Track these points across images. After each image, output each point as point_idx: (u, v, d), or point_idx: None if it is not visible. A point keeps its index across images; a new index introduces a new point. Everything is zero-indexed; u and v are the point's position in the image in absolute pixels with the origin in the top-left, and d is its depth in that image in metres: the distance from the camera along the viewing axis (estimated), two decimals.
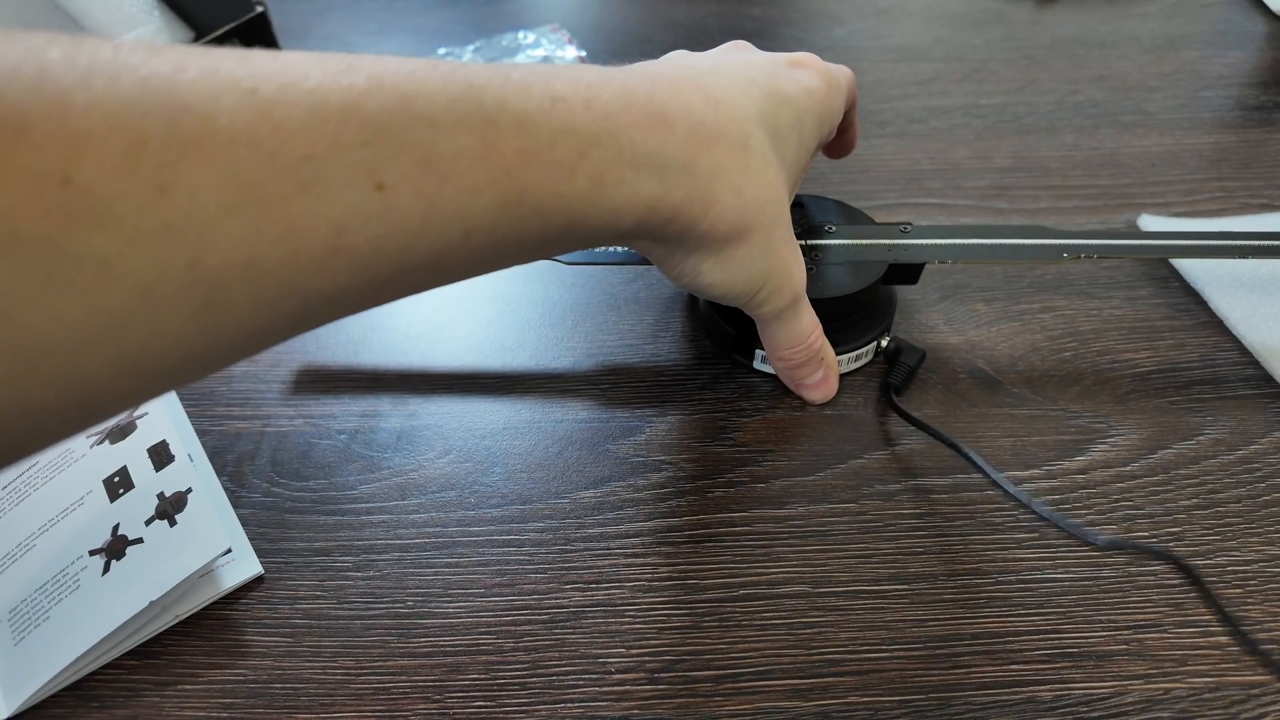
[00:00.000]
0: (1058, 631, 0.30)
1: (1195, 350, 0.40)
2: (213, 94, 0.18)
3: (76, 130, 0.16)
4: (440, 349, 0.40)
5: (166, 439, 0.35)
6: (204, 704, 0.29)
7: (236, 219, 0.18)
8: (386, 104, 0.20)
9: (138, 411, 0.36)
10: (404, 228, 0.21)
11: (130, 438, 0.35)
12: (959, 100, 0.56)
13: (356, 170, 0.19)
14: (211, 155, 0.17)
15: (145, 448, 0.35)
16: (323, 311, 0.21)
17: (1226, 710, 0.28)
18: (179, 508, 0.32)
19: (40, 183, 0.16)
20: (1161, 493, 0.34)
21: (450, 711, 0.28)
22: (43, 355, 0.16)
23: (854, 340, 0.37)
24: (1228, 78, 0.59)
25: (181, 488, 0.33)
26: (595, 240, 0.26)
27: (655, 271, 0.44)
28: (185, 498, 0.33)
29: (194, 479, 0.33)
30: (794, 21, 0.66)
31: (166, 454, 0.34)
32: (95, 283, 0.16)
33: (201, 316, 0.18)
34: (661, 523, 0.34)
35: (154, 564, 0.30)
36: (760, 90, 0.30)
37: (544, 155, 0.23)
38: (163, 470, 0.34)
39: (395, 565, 0.32)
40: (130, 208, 0.16)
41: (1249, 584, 0.31)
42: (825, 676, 0.29)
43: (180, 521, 0.32)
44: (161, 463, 0.34)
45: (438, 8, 0.67)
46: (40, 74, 0.16)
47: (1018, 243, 0.38)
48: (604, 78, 0.25)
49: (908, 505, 0.34)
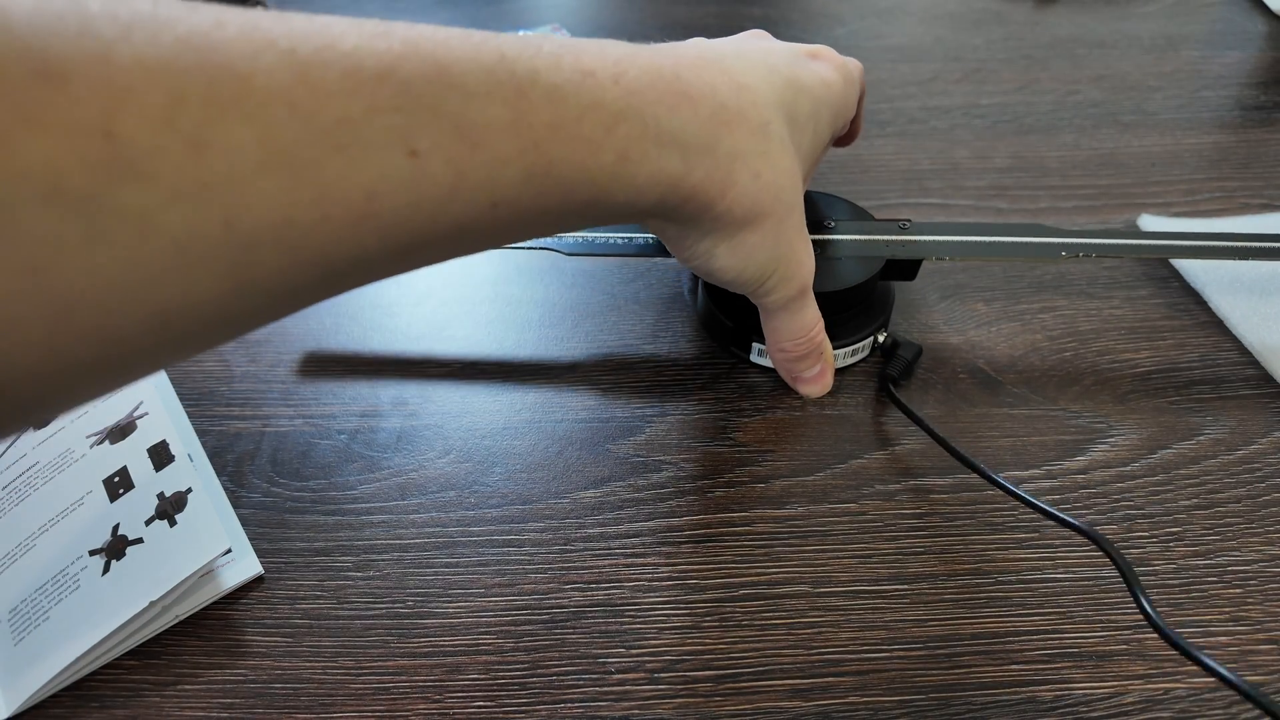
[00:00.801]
0: (1058, 631, 0.30)
1: (1195, 350, 0.40)
2: (251, 52, 0.18)
3: (119, 84, 0.16)
4: (440, 349, 0.40)
5: (166, 439, 0.35)
6: (204, 704, 0.29)
7: (271, 180, 0.18)
8: (421, 70, 0.20)
9: (138, 411, 0.36)
10: (434, 196, 0.20)
11: (130, 438, 0.35)
12: (959, 100, 0.56)
13: (391, 135, 0.19)
14: (249, 115, 0.17)
15: (145, 448, 0.35)
16: (350, 277, 0.21)
17: (1226, 710, 0.28)
18: (179, 508, 0.32)
19: (82, 135, 0.15)
20: (1162, 493, 0.34)
21: (450, 711, 0.28)
22: (77, 309, 0.16)
23: (851, 335, 0.38)
24: (1228, 77, 0.59)
25: (181, 488, 0.33)
26: (615, 216, 0.26)
27: (655, 271, 0.44)
28: (185, 498, 0.33)
29: (194, 479, 0.33)
30: (794, 21, 0.66)
31: (166, 454, 0.34)
32: (132, 238, 0.16)
33: (234, 276, 0.18)
34: (661, 523, 0.34)
35: (154, 564, 0.30)
36: (780, 78, 0.30)
37: (572, 129, 0.23)
38: (163, 470, 0.34)
39: (395, 565, 0.32)
40: (169, 164, 0.16)
41: (1249, 584, 0.31)
42: (825, 676, 0.29)
43: (180, 521, 0.32)
44: (161, 463, 0.34)
45: (437, 9, 0.67)
46: (83, 27, 0.16)
47: (1016, 240, 0.38)
48: (631, 53, 0.25)
49: (908, 505, 0.34)
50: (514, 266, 0.44)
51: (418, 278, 0.44)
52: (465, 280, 0.44)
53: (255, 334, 0.41)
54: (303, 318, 0.42)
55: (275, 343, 0.40)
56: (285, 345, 0.40)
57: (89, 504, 0.33)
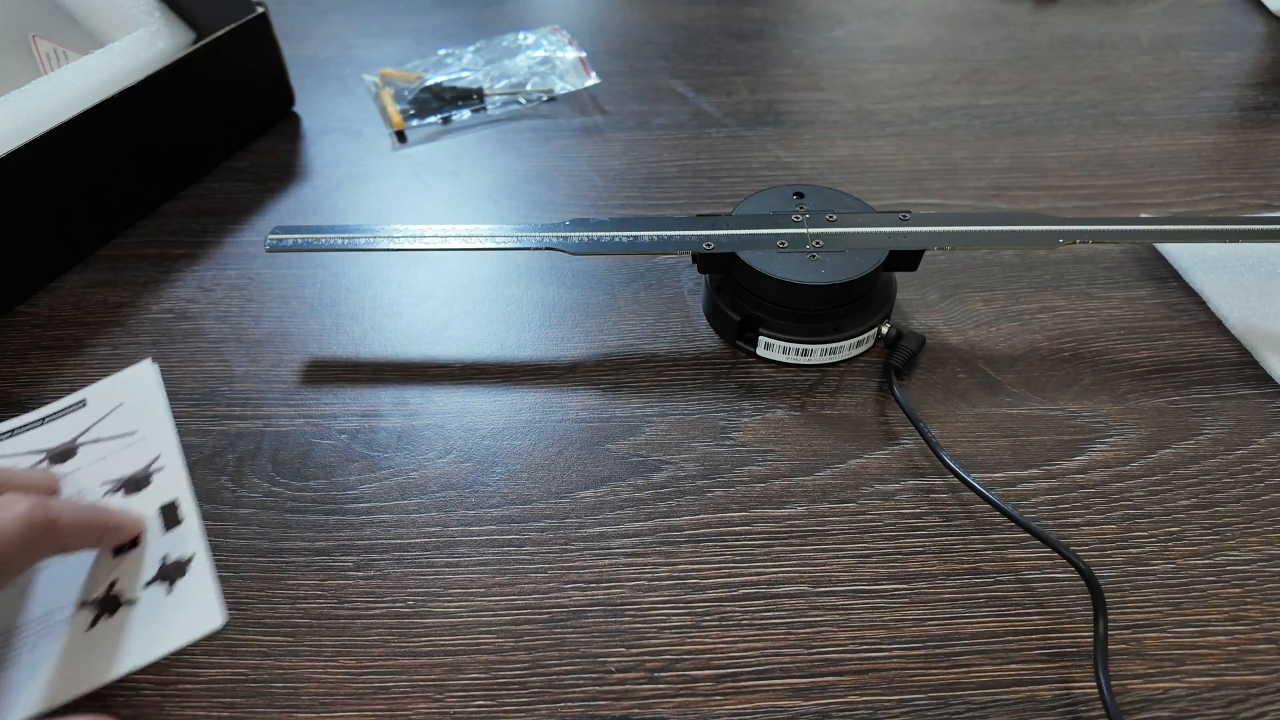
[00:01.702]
0: (1057, 631, 0.30)
1: (1194, 350, 0.40)
2: None
3: None
4: (440, 349, 0.40)
5: (178, 498, 0.34)
6: (204, 703, 0.29)
7: None
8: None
9: (155, 464, 0.35)
10: None
11: (144, 492, 0.34)
12: (958, 101, 0.56)
13: None
14: None
15: (158, 504, 0.33)
16: None
17: (1226, 710, 0.28)
18: (180, 573, 0.31)
19: None
20: (1160, 492, 0.34)
21: (450, 711, 0.29)
22: None
23: (856, 326, 0.38)
24: (1226, 78, 0.59)
25: (186, 554, 0.32)
26: None
27: (655, 271, 0.44)
28: (187, 566, 0.32)
29: (200, 544, 0.32)
30: (793, 23, 0.66)
31: (176, 515, 0.33)
32: None
33: None
34: (661, 523, 0.34)
35: (143, 630, 0.29)
36: None
37: None
38: (171, 531, 0.33)
39: (395, 565, 0.32)
40: None
41: (1248, 584, 0.31)
42: (825, 676, 0.29)
43: (178, 589, 0.31)
44: (171, 523, 0.33)
45: (437, 9, 0.67)
46: None
47: (1015, 229, 0.38)
48: None
49: (907, 505, 0.34)
50: (514, 266, 0.45)
51: (418, 278, 0.44)
52: (465, 280, 0.44)
53: (256, 334, 0.41)
54: (303, 318, 0.42)
55: (276, 343, 0.40)
56: (286, 346, 0.40)
57: (90, 553, 0.32)
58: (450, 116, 0.55)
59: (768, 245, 0.38)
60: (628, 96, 0.57)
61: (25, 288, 0.43)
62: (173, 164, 0.48)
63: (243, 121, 0.52)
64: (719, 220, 0.39)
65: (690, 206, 0.48)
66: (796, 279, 0.36)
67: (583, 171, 0.51)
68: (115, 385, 0.38)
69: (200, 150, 0.50)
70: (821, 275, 0.36)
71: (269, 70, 0.53)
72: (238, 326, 0.41)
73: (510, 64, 0.59)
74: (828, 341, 0.38)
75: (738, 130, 0.54)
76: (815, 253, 0.37)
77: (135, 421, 0.37)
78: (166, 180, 0.48)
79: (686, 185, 0.50)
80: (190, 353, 0.40)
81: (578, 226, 0.39)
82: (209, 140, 0.50)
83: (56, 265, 0.44)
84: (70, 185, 0.43)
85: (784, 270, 0.37)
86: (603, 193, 0.49)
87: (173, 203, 0.48)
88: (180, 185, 0.49)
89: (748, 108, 0.56)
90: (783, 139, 0.53)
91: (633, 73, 0.59)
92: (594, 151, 0.52)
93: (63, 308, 0.42)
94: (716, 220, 0.39)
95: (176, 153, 0.48)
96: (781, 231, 0.38)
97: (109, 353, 0.40)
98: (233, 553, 0.33)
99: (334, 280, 0.44)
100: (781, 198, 0.41)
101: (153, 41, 0.47)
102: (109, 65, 0.45)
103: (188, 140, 0.49)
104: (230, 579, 0.32)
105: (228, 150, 0.52)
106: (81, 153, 0.43)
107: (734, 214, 0.40)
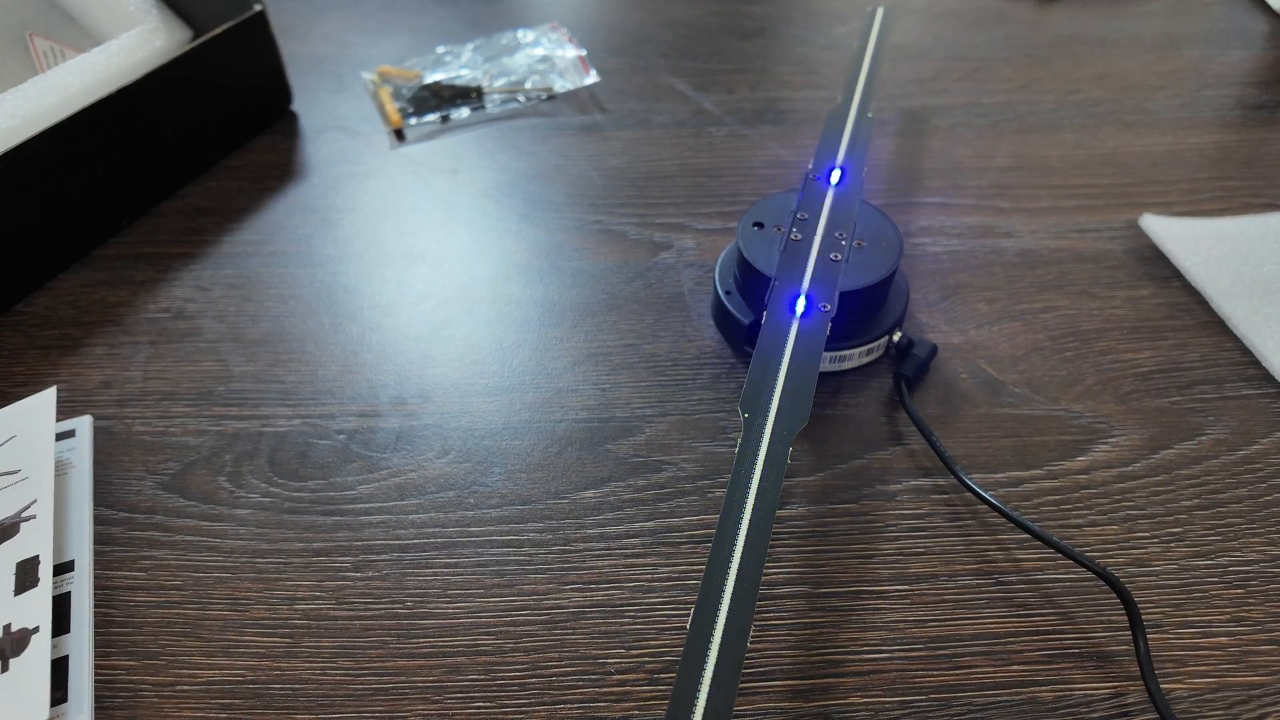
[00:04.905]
0: (1059, 632, 0.30)
1: (1197, 350, 0.40)
2: None
3: None
4: (440, 349, 0.40)
5: (40, 555, 0.29)
6: (204, 704, 0.29)
7: None
8: None
9: (27, 512, 0.31)
10: None
11: (5, 544, 0.30)
12: (960, 99, 0.56)
13: None
14: None
15: (15, 560, 0.29)
16: None
17: (1227, 710, 0.28)
18: (18, 650, 0.27)
19: None
20: (1163, 493, 0.34)
21: (450, 712, 0.28)
22: None
23: (867, 334, 0.38)
24: (1229, 77, 0.58)
25: (30, 625, 0.28)
26: None
27: (655, 271, 0.44)
28: (29, 638, 0.27)
29: (45, 617, 0.28)
30: (794, 20, 0.66)
31: (33, 575, 0.29)
32: None
33: None
34: (661, 523, 0.33)
35: None
36: None
37: None
38: (21, 595, 0.28)
39: (394, 565, 0.32)
40: None
41: (1250, 585, 0.31)
42: (825, 677, 0.29)
43: (11, 669, 0.27)
44: (24, 585, 0.29)
45: (436, 7, 0.67)
46: None
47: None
48: None
49: (908, 505, 0.34)
50: (514, 266, 0.44)
51: (417, 278, 0.44)
52: (465, 280, 0.44)
53: (253, 334, 0.41)
54: (301, 318, 0.42)
55: (273, 343, 0.40)
56: (284, 345, 0.40)
57: None
58: (449, 115, 0.55)
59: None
60: (627, 94, 0.57)
61: (21, 287, 0.43)
62: (170, 162, 0.48)
63: (240, 120, 0.52)
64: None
65: (690, 205, 0.48)
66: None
67: (582, 170, 0.51)
68: (13, 415, 0.34)
69: (198, 149, 0.50)
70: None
71: (266, 68, 0.53)
72: (235, 326, 0.41)
73: (509, 62, 0.59)
74: (837, 349, 0.37)
75: (738, 128, 0.54)
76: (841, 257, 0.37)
77: (21, 459, 0.33)
78: (164, 179, 0.48)
79: (686, 184, 0.50)
80: (187, 352, 0.40)
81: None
82: (206, 139, 0.50)
83: (53, 264, 0.44)
84: (67, 184, 0.43)
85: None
86: (602, 191, 0.49)
87: (170, 201, 0.48)
88: (177, 184, 0.49)
89: (748, 106, 0.56)
90: (784, 137, 0.53)
91: (633, 71, 0.59)
92: (593, 150, 0.52)
93: (59, 307, 0.42)
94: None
95: (174, 151, 0.48)
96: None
97: (105, 352, 0.40)
98: (230, 554, 0.33)
99: (332, 279, 0.44)
100: (788, 204, 0.40)
101: (150, 39, 0.47)
102: (106, 63, 0.45)
103: (185, 139, 0.48)
104: (228, 580, 0.32)
105: (225, 149, 0.51)
106: (78, 151, 0.43)
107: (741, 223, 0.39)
